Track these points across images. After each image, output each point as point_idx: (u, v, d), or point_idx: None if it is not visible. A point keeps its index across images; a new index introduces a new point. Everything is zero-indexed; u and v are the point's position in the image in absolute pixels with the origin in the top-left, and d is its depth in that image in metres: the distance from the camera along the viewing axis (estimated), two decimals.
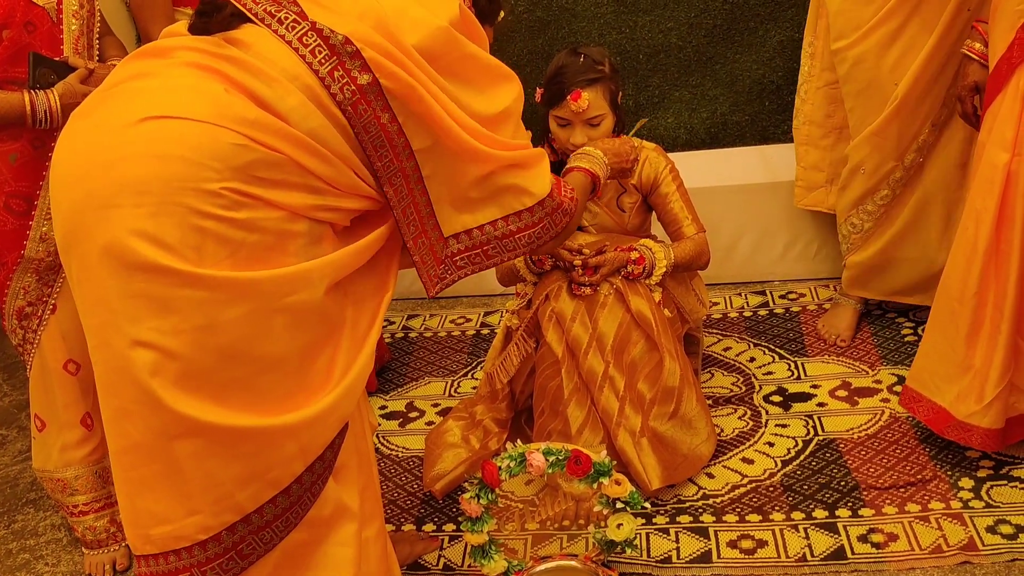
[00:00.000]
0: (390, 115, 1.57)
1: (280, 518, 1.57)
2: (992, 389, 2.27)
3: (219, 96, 1.45)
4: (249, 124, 1.44)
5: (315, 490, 1.62)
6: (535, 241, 1.83)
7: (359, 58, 1.53)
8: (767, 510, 2.39)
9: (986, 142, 2.25)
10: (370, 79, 1.53)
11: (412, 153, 1.62)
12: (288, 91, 1.49)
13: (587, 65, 2.52)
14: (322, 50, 1.52)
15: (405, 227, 1.68)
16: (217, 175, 1.41)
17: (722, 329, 3.30)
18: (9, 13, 2.16)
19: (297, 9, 1.55)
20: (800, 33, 3.53)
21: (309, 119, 1.51)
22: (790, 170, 3.44)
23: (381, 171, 1.61)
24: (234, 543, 1.53)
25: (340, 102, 1.53)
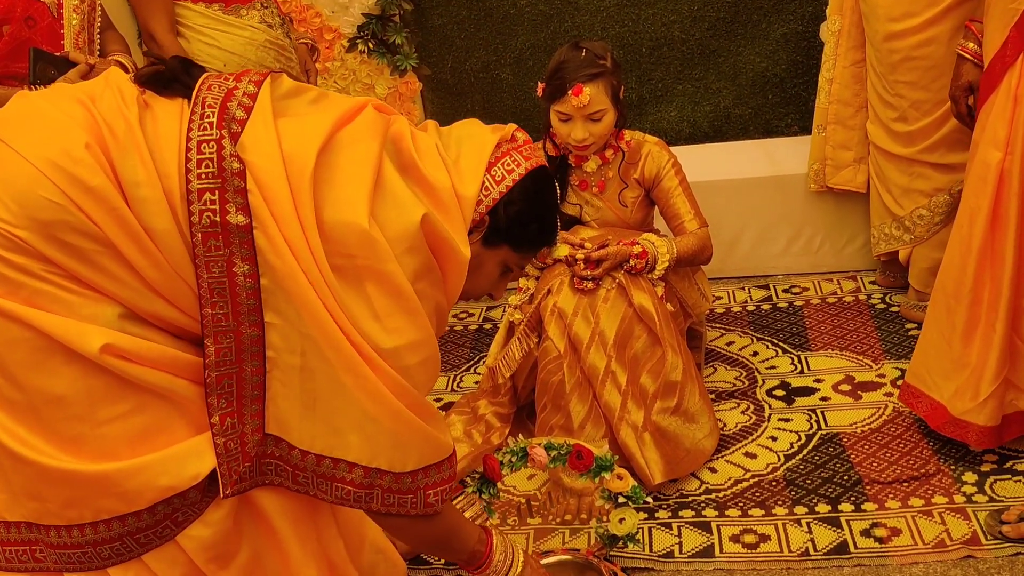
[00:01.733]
0: (250, 268, 1.39)
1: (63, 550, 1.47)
2: (987, 386, 2.27)
3: (73, 148, 1.34)
4: (83, 190, 1.33)
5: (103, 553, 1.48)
6: (361, 503, 1.53)
7: (243, 196, 1.37)
8: (770, 504, 2.39)
9: (979, 141, 2.25)
10: (244, 222, 1.37)
11: (261, 323, 1.42)
12: (147, 182, 1.36)
13: (588, 60, 2.51)
14: (210, 166, 1.38)
15: (214, 398, 1.44)
16: (11, 217, 1.32)
17: (725, 323, 3.29)
18: (9, 8, 2.16)
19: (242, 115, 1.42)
20: (804, 26, 3.54)
21: (155, 218, 1.37)
22: (794, 163, 3.44)
23: (208, 321, 1.41)
24: (29, 540, 1.49)
25: (192, 223, 1.38)
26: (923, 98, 2.81)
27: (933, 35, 2.72)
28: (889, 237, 3.09)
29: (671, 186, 2.67)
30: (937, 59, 2.73)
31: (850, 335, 3.09)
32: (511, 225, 1.61)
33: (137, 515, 1.45)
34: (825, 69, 3.21)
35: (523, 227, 1.63)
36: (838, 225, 3.46)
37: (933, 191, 2.92)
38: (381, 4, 3.62)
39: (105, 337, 1.36)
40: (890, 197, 3.04)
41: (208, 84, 1.45)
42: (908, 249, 3.06)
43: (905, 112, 2.87)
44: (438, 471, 1.56)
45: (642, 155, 2.68)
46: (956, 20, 2.66)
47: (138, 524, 1.46)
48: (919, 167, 2.92)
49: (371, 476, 1.50)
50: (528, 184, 1.61)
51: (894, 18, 2.78)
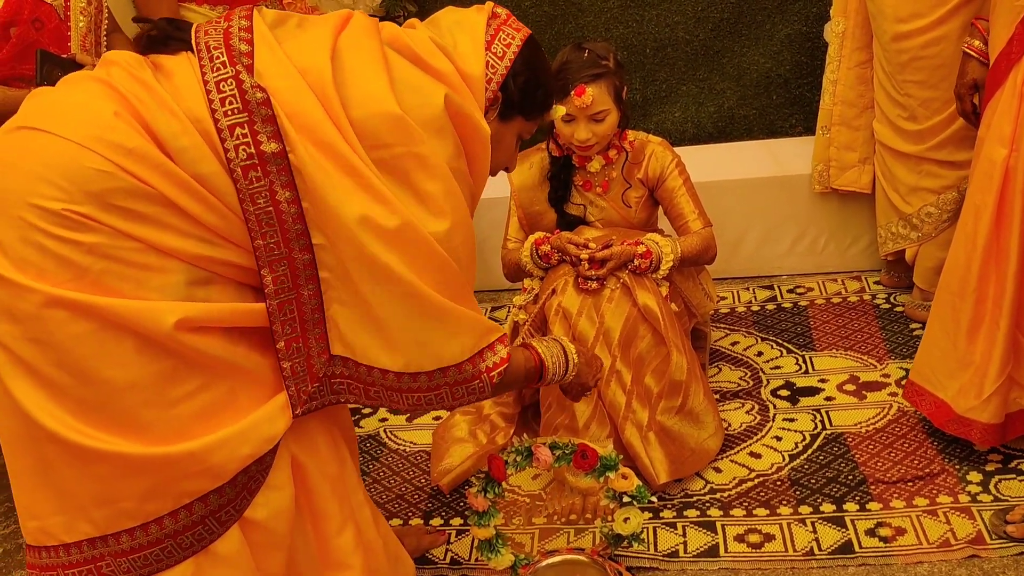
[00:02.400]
0: (292, 194, 1.45)
1: (138, 552, 1.49)
2: (991, 384, 2.27)
3: (104, 118, 1.39)
4: (125, 153, 1.37)
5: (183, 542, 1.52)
6: (427, 405, 1.62)
7: (272, 123, 1.43)
8: (774, 504, 2.39)
9: (985, 137, 2.25)
10: (277, 148, 1.43)
11: (310, 246, 1.48)
12: (184, 131, 1.41)
13: (591, 60, 2.51)
14: (233, 102, 1.43)
15: (278, 324, 1.51)
16: (64, 195, 1.35)
17: (729, 323, 3.29)
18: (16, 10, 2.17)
19: (246, 48, 1.47)
20: (808, 26, 3.55)
21: (200, 163, 1.42)
22: (798, 164, 3.44)
23: (261, 251, 1.47)
24: (93, 558, 1.49)
25: (230, 159, 1.43)
26: (932, 97, 2.81)
27: (941, 34, 2.72)
28: (896, 236, 3.09)
29: (675, 186, 2.67)
30: (945, 58, 2.73)
31: (855, 335, 3.09)
32: (522, 96, 1.71)
33: (220, 491, 1.50)
34: (829, 71, 3.21)
35: (532, 95, 1.74)
36: (843, 225, 3.46)
37: (941, 188, 2.92)
38: (385, 5, 3.63)
39: (177, 312, 1.40)
40: (897, 196, 3.04)
41: (204, 30, 1.51)
42: (915, 248, 3.06)
43: (914, 111, 2.87)
44: (493, 352, 1.63)
45: (646, 155, 2.68)
46: (964, 19, 2.66)
47: (220, 500, 1.51)
48: (928, 165, 2.92)
49: (435, 377, 1.57)
50: (526, 53, 1.70)
51: (902, 18, 2.78)
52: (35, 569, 1.52)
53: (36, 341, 1.38)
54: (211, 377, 1.48)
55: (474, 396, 1.63)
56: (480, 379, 1.62)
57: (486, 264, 3.57)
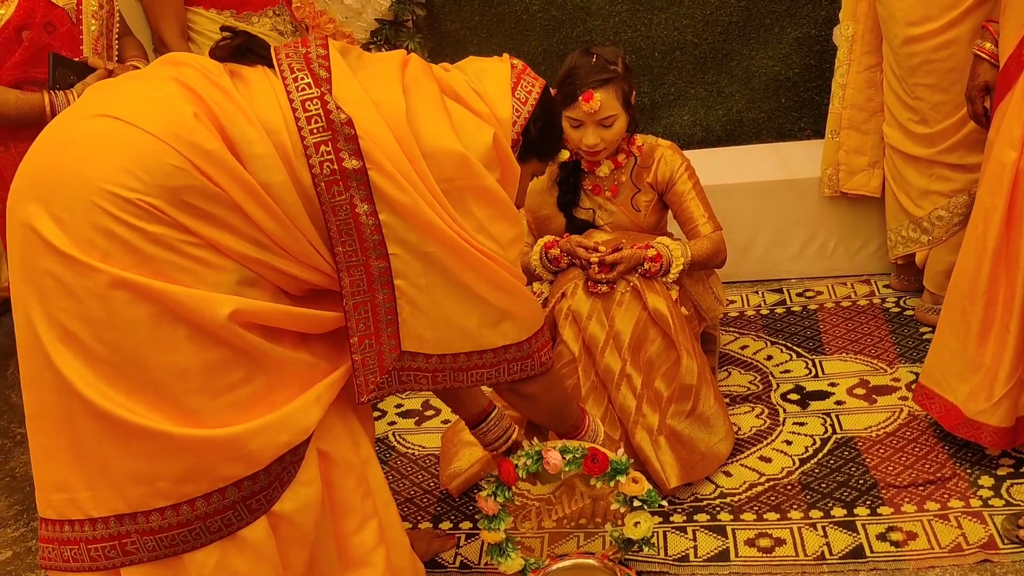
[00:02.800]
0: (370, 207, 1.56)
1: (166, 532, 1.53)
2: (1001, 387, 2.27)
3: (184, 118, 1.46)
4: (202, 154, 1.45)
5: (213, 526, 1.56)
6: (492, 379, 1.79)
7: (354, 143, 1.53)
8: (785, 508, 2.38)
9: (995, 140, 2.25)
10: (359, 166, 1.53)
11: (386, 255, 1.60)
12: (260, 139, 1.49)
13: (599, 65, 2.51)
14: (319, 121, 1.53)
15: (353, 323, 1.63)
16: (141, 186, 1.42)
17: (739, 327, 3.29)
18: (29, 14, 2.18)
19: (325, 75, 1.56)
20: (817, 30, 3.54)
21: (270, 172, 1.50)
22: (807, 167, 3.44)
23: (341, 258, 1.59)
24: (120, 534, 1.53)
25: (315, 175, 1.53)
26: (943, 100, 2.81)
27: (952, 38, 2.72)
28: (907, 239, 3.09)
29: (684, 190, 2.67)
30: (957, 61, 2.73)
31: (864, 339, 3.09)
32: (541, 139, 1.87)
33: (254, 477, 1.56)
34: (839, 74, 3.21)
35: (548, 138, 1.91)
36: (852, 229, 3.45)
37: (952, 192, 2.91)
38: (394, 10, 3.63)
39: (232, 304, 1.48)
40: (907, 199, 3.04)
41: (285, 52, 1.61)
42: (925, 251, 3.05)
43: (925, 114, 2.87)
44: (542, 334, 1.84)
45: (655, 159, 2.68)
46: (975, 22, 2.66)
47: (252, 487, 1.56)
48: (939, 168, 2.91)
49: (499, 354, 1.75)
50: (544, 101, 1.86)
51: (913, 22, 2.77)
52: (53, 543, 1.55)
53: (93, 321, 1.43)
54: (253, 370, 1.55)
55: (526, 372, 1.81)
56: (533, 357, 1.81)
57: None
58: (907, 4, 2.78)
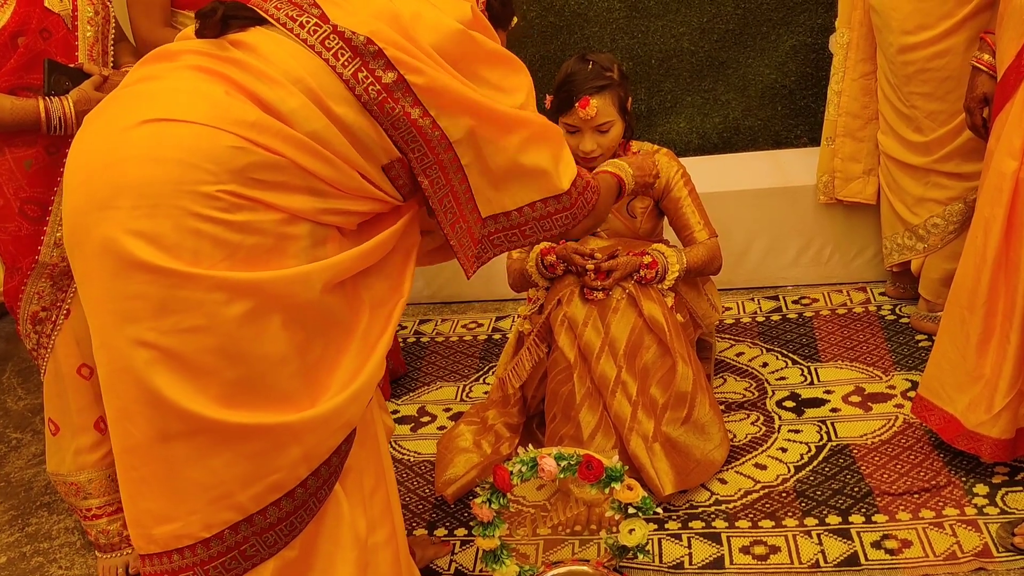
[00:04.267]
0: (421, 110, 1.58)
1: (284, 521, 1.57)
2: (1001, 399, 2.26)
3: (219, 99, 1.46)
4: (248, 126, 1.45)
5: (321, 496, 1.62)
6: (570, 221, 1.85)
7: (382, 57, 1.54)
8: (780, 516, 2.38)
9: (994, 150, 2.25)
10: (395, 77, 1.54)
11: (450, 144, 1.63)
12: (290, 93, 1.49)
13: (595, 72, 2.52)
14: (344, 52, 1.53)
15: (442, 215, 1.69)
16: (213, 178, 1.42)
17: (735, 334, 3.29)
18: (24, 20, 2.17)
19: (319, 12, 1.56)
20: (813, 38, 3.55)
21: (311, 121, 1.50)
22: (803, 175, 3.44)
23: (416, 163, 1.62)
24: (237, 543, 1.54)
25: (366, 102, 1.54)
26: (938, 109, 2.82)
27: (948, 47, 2.73)
28: (902, 247, 3.09)
29: (680, 196, 2.68)
30: (952, 70, 2.74)
31: (860, 346, 3.09)
32: (503, 8, 1.99)
33: (348, 439, 1.64)
34: (834, 81, 3.22)
35: (506, 7, 2.02)
36: (848, 236, 3.45)
37: (948, 200, 2.92)
38: None
39: (321, 276, 1.53)
40: (903, 206, 3.04)
41: (272, 5, 1.60)
42: (921, 259, 3.06)
43: (920, 123, 2.87)
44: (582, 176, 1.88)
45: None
46: (970, 31, 2.67)
47: (346, 447, 1.64)
48: (934, 176, 2.92)
49: (571, 194, 1.81)
50: None
51: (908, 31, 2.78)
52: (164, 575, 1.55)
53: (191, 330, 1.43)
54: (325, 335, 1.59)
55: (591, 204, 1.89)
56: (590, 186, 1.88)
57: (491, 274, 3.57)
58: (902, 13, 2.78)
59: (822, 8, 3.53)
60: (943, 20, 2.71)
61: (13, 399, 3.64)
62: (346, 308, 1.62)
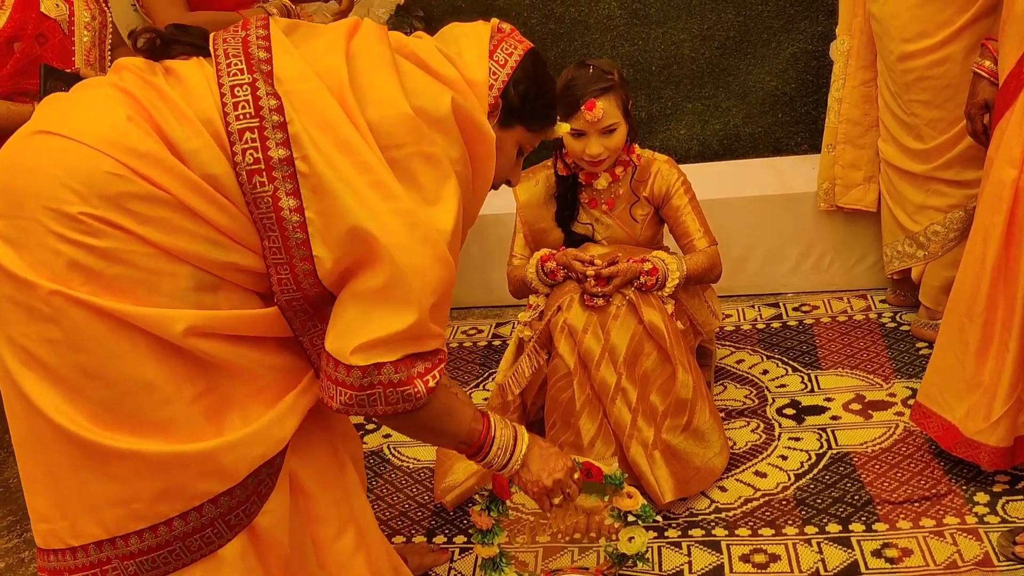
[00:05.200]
0: (297, 203, 1.46)
1: (146, 555, 1.50)
2: (1000, 407, 2.25)
3: (117, 123, 1.42)
4: (138, 156, 1.40)
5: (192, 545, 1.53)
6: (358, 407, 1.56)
7: (283, 130, 1.45)
8: (780, 524, 2.38)
9: (994, 158, 2.24)
10: (285, 155, 1.45)
11: (310, 257, 1.49)
12: (196, 132, 1.44)
13: (597, 75, 2.52)
14: (246, 107, 1.46)
15: (297, 324, 1.57)
16: (79, 200, 1.38)
17: (735, 341, 3.28)
18: (21, 25, 2.18)
19: (265, 56, 1.49)
20: (814, 45, 3.55)
21: (211, 164, 1.44)
22: (803, 182, 3.44)
23: (267, 252, 1.51)
24: (100, 561, 1.50)
25: (236, 163, 1.45)
26: (938, 116, 2.81)
27: (947, 54, 2.73)
28: (903, 255, 3.09)
29: (680, 204, 2.67)
30: (951, 78, 2.74)
31: (860, 354, 3.08)
32: (523, 102, 1.74)
33: (230, 492, 1.52)
34: (834, 88, 3.22)
35: (532, 103, 1.76)
36: (848, 243, 3.45)
37: (948, 207, 2.92)
38: (392, 23, 3.63)
39: (187, 320, 1.43)
40: (904, 214, 3.04)
41: (222, 38, 1.54)
42: (921, 266, 3.05)
43: (920, 130, 2.87)
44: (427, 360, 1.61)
45: (651, 173, 2.68)
46: (970, 39, 2.67)
47: (230, 503, 1.53)
48: (935, 184, 2.92)
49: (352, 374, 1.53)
50: (528, 64, 1.74)
51: (908, 39, 2.78)
52: (45, 572, 1.54)
53: (54, 342, 1.40)
54: (219, 378, 1.51)
55: (409, 403, 1.57)
56: (413, 384, 1.57)
57: (491, 280, 3.57)
58: (902, 21, 2.78)
59: (823, 15, 3.54)
60: (942, 28, 2.71)
61: None
62: (240, 359, 1.53)
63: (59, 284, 1.38)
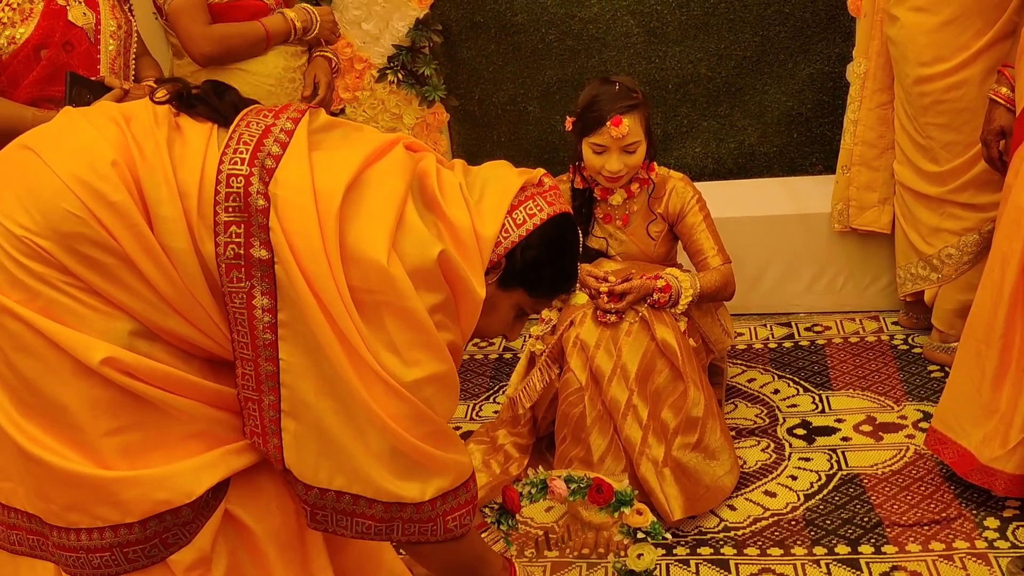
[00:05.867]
0: (270, 302, 1.41)
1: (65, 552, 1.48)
2: (1017, 434, 2.24)
3: (99, 164, 1.39)
4: (105, 204, 1.37)
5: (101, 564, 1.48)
6: (381, 535, 1.54)
7: (266, 233, 1.40)
8: (789, 544, 2.37)
9: (1013, 185, 2.24)
10: (267, 257, 1.40)
11: (275, 359, 1.44)
12: (169, 201, 1.39)
13: (623, 92, 2.53)
14: (237, 200, 1.40)
15: (245, 414, 1.50)
16: (32, 225, 1.36)
17: (747, 360, 3.28)
18: (48, 33, 2.19)
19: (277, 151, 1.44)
20: (830, 66, 3.56)
21: (173, 237, 1.40)
22: (818, 202, 3.44)
23: (235, 345, 1.46)
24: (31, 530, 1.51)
25: (218, 254, 1.41)
26: (954, 140, 2.82)
27: (964, 78, 2.73)
28: (916, 277, 3.09)
29: (695, 222, 2.68)
30: (968, 102, 2.74)
31: (872, 375, 3.08)
32: (527, 269, 1.61)
33: (129, 527, 1.46)
34: (850, 111, 3.22)
35: (539, 272, 1.63)
36: (861, 265, 3.45)
37: (963, 230, 2.92)
38: (411, 36, 3.65)
39: (108, 351, 1.38)
40: (918, 236, 3.04)
41: (247, 120, 1.48)
42: (935, 289, 3.05)
43: (936, 153, 2.88)
44: (455, 496, 1.57)
45: (667, 191, 2.69)
46: (986, 63, 2.67)
47: (128, 537, 1.46)
48: (949, 207, 2.92)
49: (391, 510, 1.50)
50: (548, 230, 1.61)
51: (924, 62, 2.79)
52: None
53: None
54: (146, 416, 1.45)
55: (425, 537, 1.55)
56: (436, 522, 1.54)
57: None
58: (919, 45, 2.79)
59: (840, 37, 3.54)
60: (959, 52, 2.72)
61: None
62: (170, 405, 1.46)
63: (1, 295, 1.37)
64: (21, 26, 2.18)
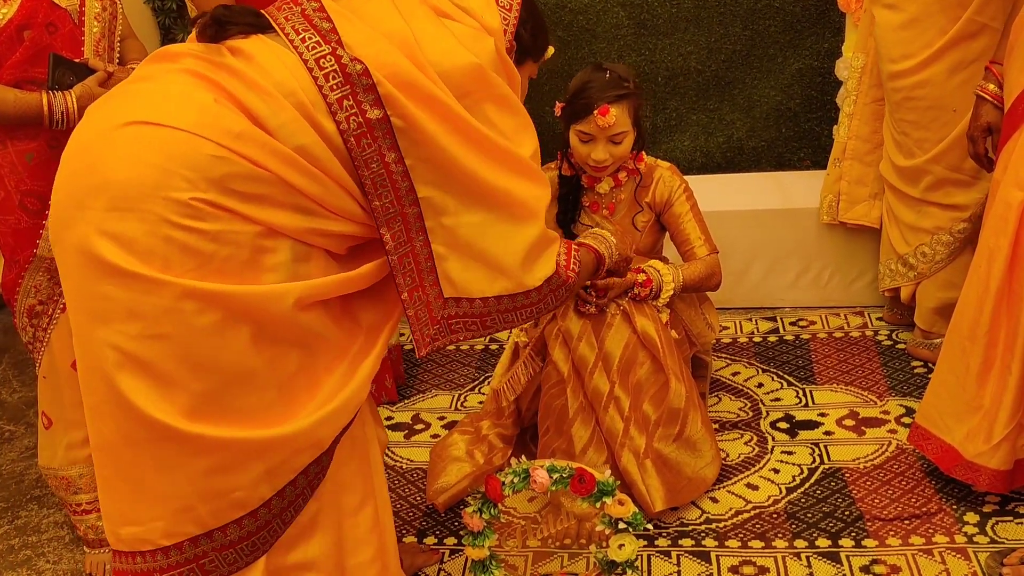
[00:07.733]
0: (397, 155, 1.54)
1: (246, 540, 1.55)
2: (1001, 430, 2.25)
3: (207, 106, 1.45)
4: (234, 136, 1.43)
5: (286, 517, 1.59)
6: (536, 315, 1.78)
7: (373, 92, 1.51)
8: (770, 537, 2.38)
9: (1000, 180, 2.24)
10: (381, 115, 1.52)
11: (416, 200, 1.59)
12: (280, 106, 1.48)
13: (614, 81, 2.51)
14: (336, 76, 1.50)
15: (400, 276, 1.63)
16: (189, 185, 1.40)
17: (731, 353, 3.29)
18: (31, 14, 2.18)
19: (328, 27, 1.54)
20: (820, 62, 3.56)
21: (299, 135, 1.49)
22: (805, 197, 3.45)
23: (379, 212, 1.58)
24: (196, 556, 1.53)
25: (343, 131, 1.51)
26: (924, 137, 2.84)
27: (928, 76, 2.75)
28: (894, 273, 3.10)
29: (682, 211, 2.68)
30: (934, 100, 2.77)
31: (856, 370, 3.09)
32: (533, 40, 1.89)
33: (319, 460, 1.60)
34: (846, 104, 3.22)
35: (539, 38, 1.92)
36: (847, 260, 3.46)
37: (935, 229, 2.93)
38: None
39: (295, 292, 1.50)
40: (897, 233, 3.05)
41: (283, 15, 1.58)
42: (911, 286, 3.06)
43: (911, 149, 2.90)
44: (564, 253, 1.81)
45: (654, 179, 2.69)
46: (950, 62, 2.70)
47: (317, 469, 1.61)
48: (925, 206, 2.93)
49: (542, 290, 1.73)
50: (526, 2, 1.86)
51: (893, 59, 2.82)
52: (127, 574, 1.55)
53: (158, 337, 1.42)
54: (305, 352, 1.56)
55: (563, 296, 1.81)
56: (566, 284, 1.79)
57: None
58: (889, 42, 2.82)
59: (829, 32, 3.55)
60: (923, 49, 2.73)
61: (8, 391, 3.63)
62: (334, 328, 1.60)
63: (170, 274, 1.40)
64: (4, 7, 2.17)
